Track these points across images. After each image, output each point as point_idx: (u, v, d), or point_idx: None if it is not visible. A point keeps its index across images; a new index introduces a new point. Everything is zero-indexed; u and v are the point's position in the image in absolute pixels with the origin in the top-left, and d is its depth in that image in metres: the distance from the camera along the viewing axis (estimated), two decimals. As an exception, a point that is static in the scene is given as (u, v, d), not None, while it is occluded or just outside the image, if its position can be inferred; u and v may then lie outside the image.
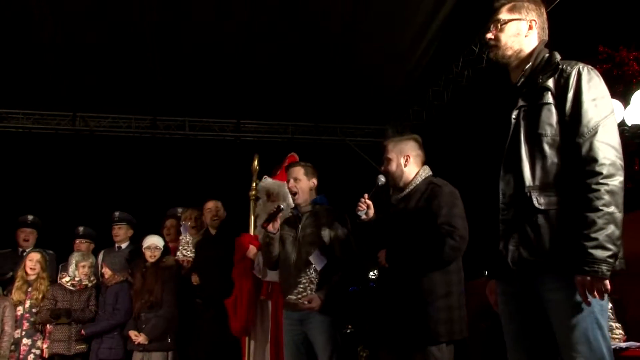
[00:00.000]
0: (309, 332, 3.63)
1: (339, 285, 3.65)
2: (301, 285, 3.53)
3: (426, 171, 3.34)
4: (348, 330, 6.60)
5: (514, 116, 2.25)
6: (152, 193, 8.41)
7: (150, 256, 5.01)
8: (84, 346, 4.98)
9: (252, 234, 4.44)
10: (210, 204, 4.99)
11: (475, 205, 2.54)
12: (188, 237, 4.88)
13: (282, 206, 3.78)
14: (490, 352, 5.71)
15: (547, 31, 2.41)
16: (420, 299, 3.03)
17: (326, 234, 3.68)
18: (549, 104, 2.19)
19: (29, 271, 5.21)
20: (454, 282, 3.11)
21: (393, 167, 3.33)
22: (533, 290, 2.17)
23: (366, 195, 3.36)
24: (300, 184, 3.80)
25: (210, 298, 4.35)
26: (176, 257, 4.88)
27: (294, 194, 3.80)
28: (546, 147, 2.16)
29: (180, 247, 4.85)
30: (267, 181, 4.39)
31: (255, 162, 4.60)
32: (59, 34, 6.79)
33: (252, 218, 4.50)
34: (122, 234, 5.82)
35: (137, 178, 8.98)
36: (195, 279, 4.80)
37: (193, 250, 4.84)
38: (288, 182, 3.85)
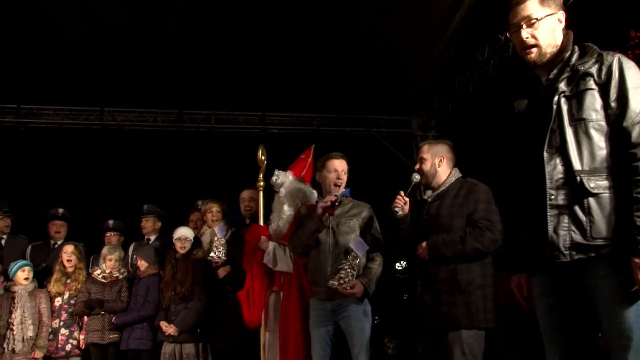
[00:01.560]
0: (342, 321, 3.64)
1: (378, 273, 3.69)
2: (342, 272, 3.56)
3: (457, 173, 3.55)
4: (375, 321, 6.62)
5: (555, 102, 2.22)
6: (179, 186, 8.51)
7: (181, 247, 5.08)
8: (116, 335, 5.10)
9: (261, 224, 4.41)
10: (245, 193, 4.98)
11: (508, 197, 2.52)
12: (223, 239, 4.87)
13: (338, 194, 3.79)
14: (517, 344, 5.69)
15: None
16: (461, 287, 3.20)
17: (357, 224, 3.77)
18: (592, 89, 2.18)
19: (66, 263, 5.36)
20: (488, 274, 3.30)
21: (427, 166, 3.53)
22: (578, 278, 2.14)
23: (402, 193, 3.50)
24: (345, 177, 3.90)
25: (240, 285, 4.34)
26: (209, 257, 4.87)
27: (338, 185, 3.84)
28: (592, 132, 2.14)
29: (214, 248, 4.83)
30: (288, 180, 4.30)
31: (260, 153, 4.57)
32: (86, 31, 6.90)
33: (261, 209, 4.47)
34: (149, 227, 5.93)
35: (164, 171, 9.10)
36: (222, 272, 4.81)
37: (226, 252, 4.83)
38: (330, 172, 3.86)
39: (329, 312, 3.68)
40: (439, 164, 3.52)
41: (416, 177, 3.57)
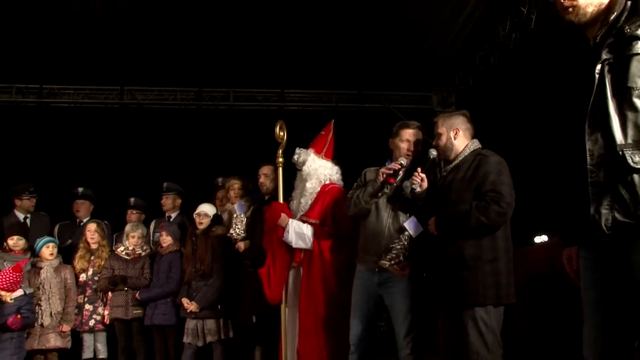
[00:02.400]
0: (387, 297, 3.62)
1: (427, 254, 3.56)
2: (394, 251, 3.50)
3: (475, 144, 3.43)
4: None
5: (597, 71, 2.06)
6: (199, 164, 8.55)
7: (199, 223, 5.13)
8: (140, 311, 5.20)
9: (281, 202, 4.40)
10: (266, 169, 5.00)
11: (550, 172, 2.42)
12: (242, 216, 4.89)
13: (404, 163, 3.68)
14: (538, 320, 5.67)
15: None
16: (468, 263, 3.12)
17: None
18: (639, 54, 1.99)
19: (90, 241, 5.48)
20: (500, 248, 3.18)
21: (443, 140, 3.44)
22: (621, 256, 2.05)
23: (419, 169, 3.45)
24: (417, 149, 3.78)
25: (260, 260, 4.36)
26: (229, 234, 4.91)
27: (408, 156, 3.74)
28: (637, 102, 1.97)
29: (234, 225, 4.86)
30: (309, 157, 4.27)
31: (278, 129, 4.52)
32: (105, 10, 6.90)
33: (281, 186, 4.43)
34: (169, 204, 6.01)
35: (184, 149, 9.14)
36: (241, 246, 4.84)
37: (245, 229, 4.85)
38: (402, 141, 3.77)
39: (375, 284, 3.65)
40: (454, 137, 3.41)
41: (433, 153, 3.50)
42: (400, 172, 3.64)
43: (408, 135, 3.79)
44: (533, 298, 5.62)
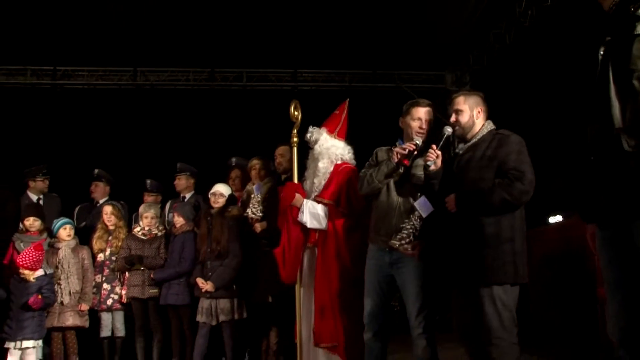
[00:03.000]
0: (398, 277, 3.62)
1: (436, 232, 3.51)
2: (405, 232, 3.48)
3: (490, 124, 3.41)
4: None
5: (601, 52, 2.08)
6: (212, 144, 8.59)
7: (214, 202, 5.14)
8: (156, 290, 5.26)
9: (295, 181, 4.35)
10: (282, 149, 4.97)
11: (557, 150, 2.45)
12: (259, 196, 4.87)
13: (419, 143, 3.62)
14: (552, 300, 5.67)
15: None
16: (487, 242, 3.11)
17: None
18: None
19: (107, 223, 5.54)
20: (517, 227, 3.18)
21: (465, 118, 3.38)
22: (629, 235, 2.07)
23: (434, 146, 3.39)
24: (428, 127, 3.73)
25: (276, 240, 4.38)
26: (245, 214, 4.92)
27: (420, 135, 3.68)
28: (637, 84, 1.95)
29: (250, 206, 4.85)
30: (322, 136, 4.25)
31: (293, 108, 4.45)
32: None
33: (295, 166, 4.38)
34: (182, 184, 6.05)
35: (198, 130, 9.18)
36: (257, 227, 4.87)
37: (262, 210, 4.85)
38: (413, 119, 3.71)
39: (386, 263, 3.64)
40: (477, 116, 3.38)
41: (448, 130, 3.43)
42: (415, 153, 3.60)
43: (420, 113, 3.73)
44: (548, 277, 5.61)
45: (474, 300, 3.16)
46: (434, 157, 3.36)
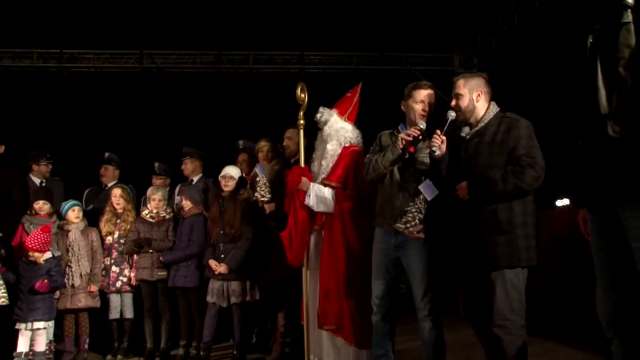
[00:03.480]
0: (405, 260, 3.63)
1: (442, 216, 3.49)
2: (410, 215, 3.47)
3: (495, 107, 3.38)
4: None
5: (590, 40, 2.14)
6: (220, 127, 8.59)
7: (224, 185, 5.15)
8: (164, 272, 5.30)
9: (302, 163, 4.34)
10: (290, 132, 4.96)
11: (555, 134, 2.49)
12: (265, 178, 4.85)
13: (423, 128, 3.60)
14: (559, 282, 5.67)
15: None
16: (501, 227, 3.13)
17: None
18: (628, 23, 2.03)
19: (115, 206, 5.56)
20: (529, 212, 3.20)
21: (465, 102, 3.36)
22: (616, 218, 2.13)
23: (439, 131, 3.38)
24: (431, 109, 3.71)
25: (284, 222, 4.38)
26: (254, 197, 4.91)
27: (423, 117, 3.68)
28: (623, 72, 2.01)
29: (257, 188, 4.85)
30: (332, 118, 4.23)
31: (299, 90, 4.39)
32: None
33: (302, 148, 4.36)
34: (188, 168, 6.07)
35: (205, 113, 9.17)
36: (267, 208, 4.87)
37: (270, 192, 4.82)
38: (416, 102, 3.70)
39: (392, 246, 3.65)
40: (477, 99, 3.34)
41: (451, 114, 3.41)
42: (420, 138, 3.59)
43: (422, 95, 3.71)
44: (555, 260, 5.61)
45: (484, 285, 3.17)
46: (439, 142, 3.34)
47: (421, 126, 3.61)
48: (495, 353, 3.19)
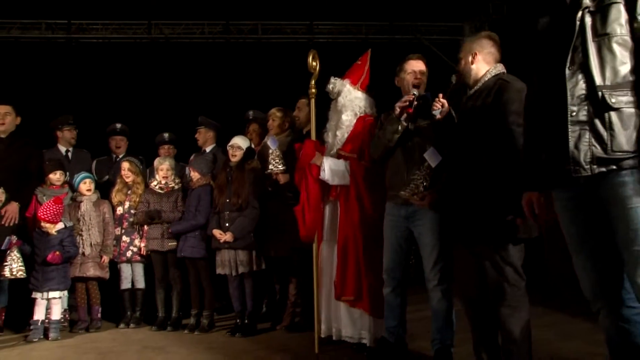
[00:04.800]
0: (415, 229, 3.64)
1: (449, 183, 3.43)
2: (414, 182, 3.49)
3: (498, 68, 3.26)
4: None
5: (578, 17, 2.19)
6: (229, 98, 8.55)
7: (232, 155, 5.13)
8: (174, 243, 5.32)
9: (313, 138, 4.27)
10: (300, 102, 4.93)
11: (528, 115, 2.51)
12: (277, 150, 4.81)
13: (417, 93, 3.64)
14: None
15: None
16: (496, 200, 2.99)
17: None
18: (617, 2, 2.15)
19: (125, 179, 5.58)
20: None
21: (461, 65, 3.34)
22: (596, 190, 2.19)
23: (440, 95, 3.35)
24: (424, 78, 3.79)
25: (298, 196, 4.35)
26: (268, 171, 4.84)
27: (416, 86, 3.74)
28: (615, 47, 2.14)
29: (271, 160, 4.78)
30: (345, 88, 4.19)
31: (311, 58, 4.26)
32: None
33: (313, 117, 4.27)
34: (201, 138, 6.07)
35: (214, 83, 9.13)
36: (282, 179, 4.83)
37: (284, 163, 4.78)
38: (407, 73, 3.78)
39: (402, 218, 3.67)
40: (472, 61, 3.25)
41: (414, 92, 3.55)
42: (415, 102, 3.60)
43: (412, 66, 3.79)
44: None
45: (477, 259, 3.12)
46: (439, 107, 3.32)
47: (414, 92, 3.64)
48: (486, 330, 3.16)
